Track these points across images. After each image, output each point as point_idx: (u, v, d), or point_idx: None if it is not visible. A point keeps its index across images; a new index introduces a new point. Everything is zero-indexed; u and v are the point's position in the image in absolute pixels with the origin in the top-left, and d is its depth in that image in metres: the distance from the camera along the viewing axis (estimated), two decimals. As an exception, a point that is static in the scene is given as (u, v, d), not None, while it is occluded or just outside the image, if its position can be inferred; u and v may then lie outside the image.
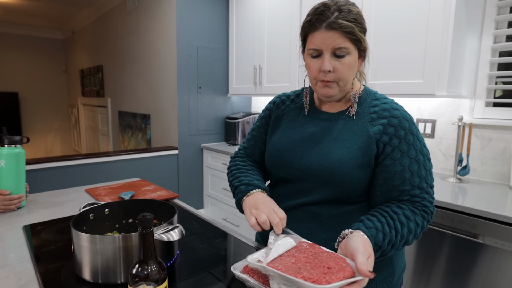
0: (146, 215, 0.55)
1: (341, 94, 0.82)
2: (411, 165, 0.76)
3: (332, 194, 0.81)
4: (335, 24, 0.73)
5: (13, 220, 1.11)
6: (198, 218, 1.16)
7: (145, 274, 0.54)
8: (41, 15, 4.94)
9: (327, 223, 0.82)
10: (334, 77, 0.77)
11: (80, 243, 0.71)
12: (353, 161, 0.77)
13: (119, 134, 4.11)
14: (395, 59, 1.77)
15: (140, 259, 0.55)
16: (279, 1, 2.41)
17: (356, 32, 0.74)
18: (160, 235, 0.71)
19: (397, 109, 0.79)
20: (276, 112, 0.97)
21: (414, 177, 0.76)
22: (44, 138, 6.21)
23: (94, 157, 2.42)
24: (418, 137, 0.78)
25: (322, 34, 0.75)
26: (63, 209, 1.23)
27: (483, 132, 1.76)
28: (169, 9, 2.77)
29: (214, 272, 0.79)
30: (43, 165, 2.19)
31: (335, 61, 0.76)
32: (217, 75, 3.00)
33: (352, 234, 0.69)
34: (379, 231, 0.70)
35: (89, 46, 4.94)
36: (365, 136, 0.79)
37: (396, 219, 0.72)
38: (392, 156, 0.76)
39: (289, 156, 0.86)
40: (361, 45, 0.78)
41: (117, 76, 4.04)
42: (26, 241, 0.94)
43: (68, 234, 0.98)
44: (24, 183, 1.22)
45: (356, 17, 0.76)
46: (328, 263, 0.60)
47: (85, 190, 1.46)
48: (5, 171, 1.16)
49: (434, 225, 1.44)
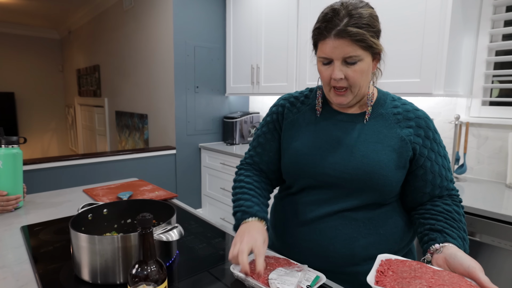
0: (145, 215, 0.55)
1: (356, 99, 0.81)
2: (443, 163, 0.81)
3: (371, 198, 0.79)
4: (344, 33, 0.70)
5: (11, 221, 1.10)
6: (197, 218, 1.16)
7: (145, 274, 0.54)
8: (37, 15, 4.91)
9: (365, 227, 0.80)
10: (346, 84, 0.76)
11: (79, 244, 0.71)
12: (391, 164, 0.77)
13: (117, 134, 4.10)
14: (391, 58, 1.77)
15: (140, 259, 0.55)
16: (277, 1, 2.41)
17: (367, 39, 0.71)
18: (159, 235, 0.70)
19: (418, 110, 0.83)
20: (290, 116, 0.91)
21: (447, 172, 0.81)
22: (41, 138, 6.18)
23: (91, 157, 2.42)
24: (439, 134, 0.83)
25: (331, 43, 0.72)
26: (61, 210, 1.22)
27: (479, 131, 1.77)
28: (166, 9, 2.77)
29: (213, 271, 0.79)
30: (40, 166, 2.18)
31: (346, 69, 0.75)
32: (214, 74, 2.99)
33: (446, 248, 0.68)
34: (461, 239, 0.72)
35: (85, 45, 4.92)
36: (397, 138, 0.79)
37: (458, 219, 0.76)
38: (429, 157, 0.79)
39: (319, 161, 0.82)
40: (374, 50, 0.75)
41: (114, 75, 4.02)
42: (24, 241, 0.94)
43: (66, 235, 0.98)
44: (22, 183, 1.22)
45: (369, 21, 0.72)
46: (459, 284, 0.57)
47: (83, 190, 1.46)
48: (2, 171, 1.15)
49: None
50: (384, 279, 0.60)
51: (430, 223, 0.75)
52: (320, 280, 0.72)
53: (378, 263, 0.65)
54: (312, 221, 0.83)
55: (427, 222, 0.76)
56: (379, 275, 0.61)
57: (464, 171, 1.73)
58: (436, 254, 0.68)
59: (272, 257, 0.80)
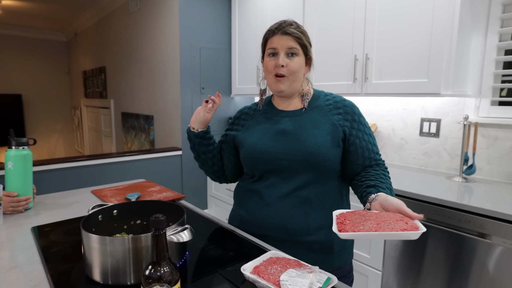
0: (159, 216, 0.55)
1: (291, 89, 1.02)
2: (369, 139, 1.01)
3: (317, 174, 0.98)
4: (289, 31, 0.98)
5: (21, 221, 1.11)
6: (205, 218, 1.16)
7: (159, 275, 0.54)
8: (44, 17, 4.96)
9: (315, 203, 1.00)
10: (286, 71, 0.98)
11: (90, 245, 0.72)
12: (328, 144, 0.97)
13: (122, 135, 4.12)
14: (399, 58, 1.76)
15: (153, 260, 0.55)
16: (282, 2, 2.41)
17: (304, 40, 0.99)
18: (170, 236, 0.71)
19: (345, 100, 1.04)
20: (244, 123, 1.14)
21: (373, 147, 1.02)
22: (48, 140, 6.23)
23: (98, 159, 2.43)
24: (363, 117, 1.05)
25: (279, 38, 0.98)
26: (70, 211, 1.23)
27: (489, 131, 1.75)
28: (172, 10, 2.78)
29: (224, 273, 0.79)
30: (47, 167, 2.20)
31: (288, 60, 0.98)
32: (220, 75, 3.00)
33: (379, 196, 0.87)
34: (388, 189, 0.92)
35: (91, 47, 4.95)
36: (330, 123, 1.00)
37: (385, 178, 0.97)
38: (357, 135, 0.99)
39: (271, 149, 1.01)
40: (307, 51, 1.01)
41: (120, 77, 4.05)
42: (35, 242, 0.94)
43: (76, 235, 0.99)
44: (32, 184, 1.23)
45: (304, 32, 1.01)
46: (395, 218, 0.75)
47: (91, 191, 1.47)
48: (13, 173, 1.16)
49: (441, 225, 1.44)
50: (345, 227, 0.75)
51: (365, 183, 0.96)
52: (332, 282, 0.71)
53: (335, 218, 0.81)
54: (274, 202, 1.01)
55: (363, 183, 0.96)
56: (340, 225, 0.76)
57: (473, 172, 1.71)
58: (373, 202, 0.87)
59: (282, 258, 0.80)
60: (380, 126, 2.22)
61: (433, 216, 1.46)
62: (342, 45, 2.02)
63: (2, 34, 5.47)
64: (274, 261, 0.78)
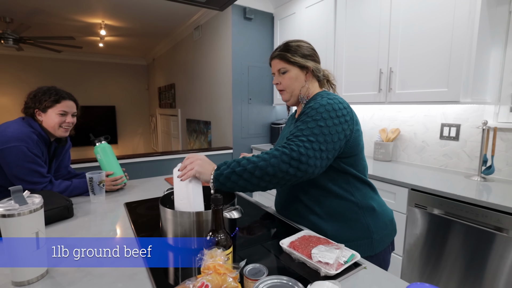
0: (217, 195, 0.59)
1: (294, 98, 0.98)
2: (297, 127, 0.82)
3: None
4: (273, 55, 0.98)
5: (117, 198, 1.24)
6: (251, 203, 1.20)
7: (217, 240, 0.59)
8: (131, 48, 5.40)
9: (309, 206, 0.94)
10: (281, 87, 0.98)
11: (166, 217, 0.79)
12: None
13: (187, 137, 4.33)
14: (420, 69, 1.66)
15: (213, 228, 0.60)
16: (316, 25, 2.39)
17: (289, 58, 0.93)
18: (224, 214, 0.75)
19: (322, 97, 0.87)
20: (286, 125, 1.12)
21: (295, 132, 0.81)
22: (132, 140, 6.76)
23: (168, 155, 2.60)
24: (318, 111, 0.82)
25: (272, 63, 1.00)
26: (150, 192, 1.34)
27: (508, 135, 1.58)
28: (226, 38, 2.88)
29: (266, 245, 0.82)
30: (132, 160, 2.40)
31: (281, 78, 0.97)
32: (264, 88, 3.04)
33: None
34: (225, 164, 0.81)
35: (165, 69, 5.28)
36: None
37: (244, 160, 0.79)
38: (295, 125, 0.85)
39: None
40: (300, 64, 0.93)
41: (186, 91, 4.27)
42: (127, 214, 1.05)
43: (155, 210, 1.08)
44: (119, 167, 1.36)
45: (293, 49, 0.94)
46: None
47: (165, 179, 1.58)
48: (103, 161, 1.31)
49: (459, 218, 1.33)
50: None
51: None
52: (355, 257, 0.71)
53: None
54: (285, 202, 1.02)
55: None
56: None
57: (492, 172, 1.56)
58: None
59: (314, 236, 0.81)
60: (403, 131, 2.10)
61: (452, 210, 1.35)
62: (369, 60, 1.95)
63: (103, 61, 6.06)
64: (307, 239, 0.79)
